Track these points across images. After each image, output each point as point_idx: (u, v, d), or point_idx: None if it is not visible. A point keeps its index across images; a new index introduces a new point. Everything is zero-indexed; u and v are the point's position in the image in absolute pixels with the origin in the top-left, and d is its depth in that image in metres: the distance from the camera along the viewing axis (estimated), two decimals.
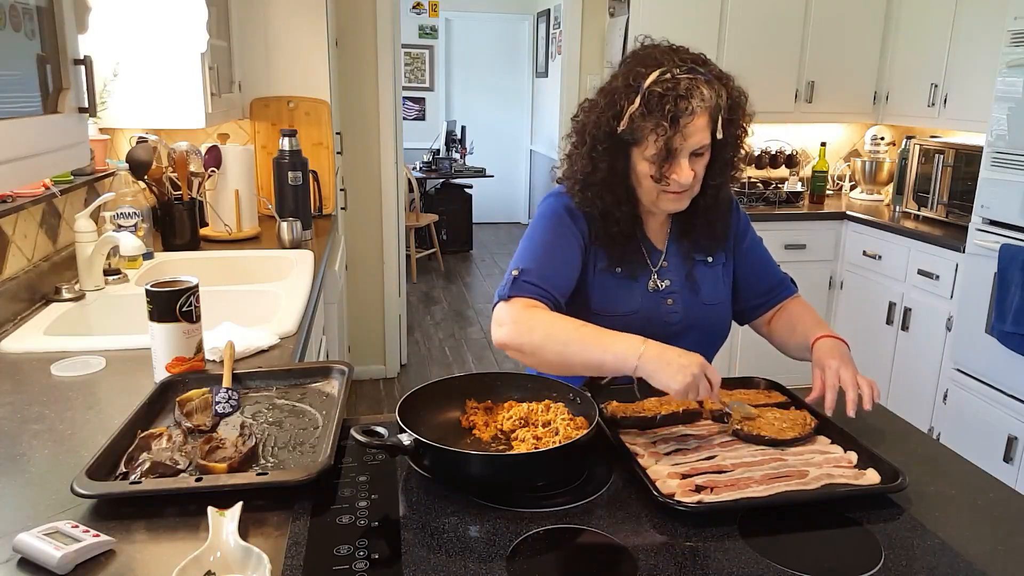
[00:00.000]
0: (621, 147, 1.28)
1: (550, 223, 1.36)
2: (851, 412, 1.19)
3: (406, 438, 1.01)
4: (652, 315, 1.38)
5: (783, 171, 4.08)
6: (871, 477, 1.03)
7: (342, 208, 3.61)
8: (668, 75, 1.22)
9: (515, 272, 1.29)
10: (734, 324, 1.52)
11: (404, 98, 7.03)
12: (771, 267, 1.53)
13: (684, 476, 1.02)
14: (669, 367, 1.09)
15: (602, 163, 1.29)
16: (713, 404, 1.19)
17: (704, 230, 1.40)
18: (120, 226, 2.13)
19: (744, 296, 1.49)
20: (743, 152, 1.38)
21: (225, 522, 0.87)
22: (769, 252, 1.54)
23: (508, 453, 1.09)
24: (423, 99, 7.79)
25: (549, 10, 6.73)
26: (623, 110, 1.24)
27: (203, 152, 2.54)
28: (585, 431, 1.05)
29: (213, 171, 2.54)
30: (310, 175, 2.81)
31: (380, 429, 1.03)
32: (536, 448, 1.06)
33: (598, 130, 1.28)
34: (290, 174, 2.67)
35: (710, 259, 1.43)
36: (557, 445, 1.04)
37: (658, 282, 1.39)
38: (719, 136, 1.26)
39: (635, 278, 1.38)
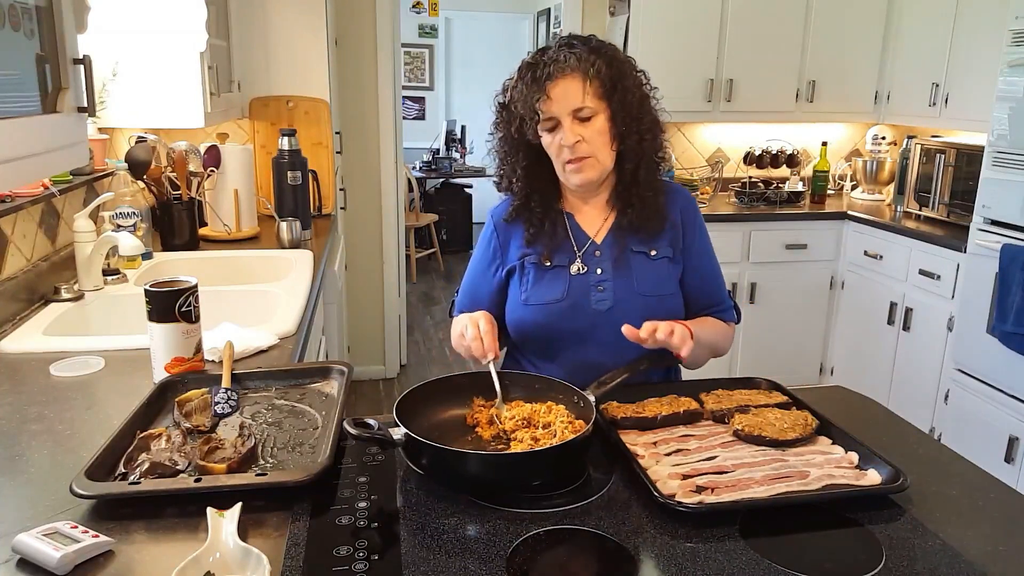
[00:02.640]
0: (514, 120, 1.36)
1: (478, 247, 1.53)
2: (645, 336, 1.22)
3: (398, 432, 1.01)
4: (580, 301, 1.39)
5: (784, 171, 4.08)
6: (872, 478, 1.03)
7: (342, 208, 3.60)
8: (543, 51, 1.34)
9: (455, 296, 1.54)
10: (734, 324, 1.51)
11: (404, 97, 7.02)
12: (715, 285, 1.49)
13: (685, 477, 1.02)
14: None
15: (507, 141, 1.40)
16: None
17: (636, 217, 1.40)
18: (119, 226, 2.13)
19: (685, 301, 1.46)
20: (654, 125, 1.39)
21: (224, 523, 0.87)
22: (720, 274, 1.50)
23: (496, 452, 1.09)
24: (423, 98, 7.79)
25: (549, 9, 6.72)
26: (508, 88, 1.38)
27: (202, 152, 2.54)
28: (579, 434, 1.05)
29: (212, 171, 2.53)
30: (309, 175, 2.81)
31: (371, 422, 1.03)
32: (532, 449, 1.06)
33: (499, 112, 1.40)
34: (289, 174, 2.66)
35: (653, 252, 1.41)
36: (549, 446, 1.04)
37: (581, 267, 1.40)
38: (597, 98, 1.30)
39: (563, 266, 1.42)
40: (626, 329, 1.21)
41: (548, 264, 1.41)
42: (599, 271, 1.40)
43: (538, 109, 1.30)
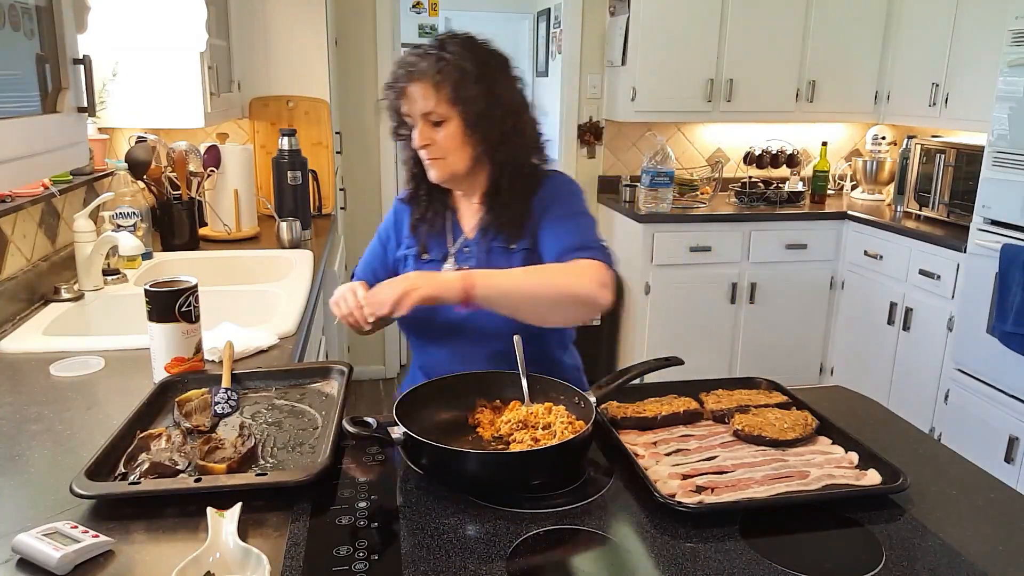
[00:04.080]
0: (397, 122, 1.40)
1: (381, 227, 1.57)
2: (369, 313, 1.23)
3: (397, 432, 1.01)
4: None
5: (784, 171, 4.08)
6: (872, 477, 1.03)
7: (341, 208, 3.60)
8: (412, 49, 1.35)
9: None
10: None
11: None
12: (561, 236, 1.34)
13: (685, 477, 1.02)
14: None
15: (395, 136, 1.43)
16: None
17: (502, 212, 1.39)
18: (119, 226, 2.13)
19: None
20: (520, 133, 1.37)
21: (224, 523, 0.87)
22: (578, 221, 1.37)
23: (496, 452, 1.08)
24: None
25: (549, 9, 6.72)
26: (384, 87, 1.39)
27: (202, 152, 2.54)
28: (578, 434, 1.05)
29: (212, 171, 2.53)
30: (309, 175, 2.81)
31: (370, 420, 1.03)
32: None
33: (389, 108, 1.42)
34: (289, 174, 2.66)
35: (513, 246, 1.39)
36: (547, 445, 1.04)
37: (452, 265, 1.41)
38: (438, 103, 1.30)
39: (436, 261, 1.44)
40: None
41: (425, 258, 1.45)
42: (467, 267, 1.39)
43: (399, 110, 1.35)
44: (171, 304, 1.27)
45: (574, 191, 1.45)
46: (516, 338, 1.26)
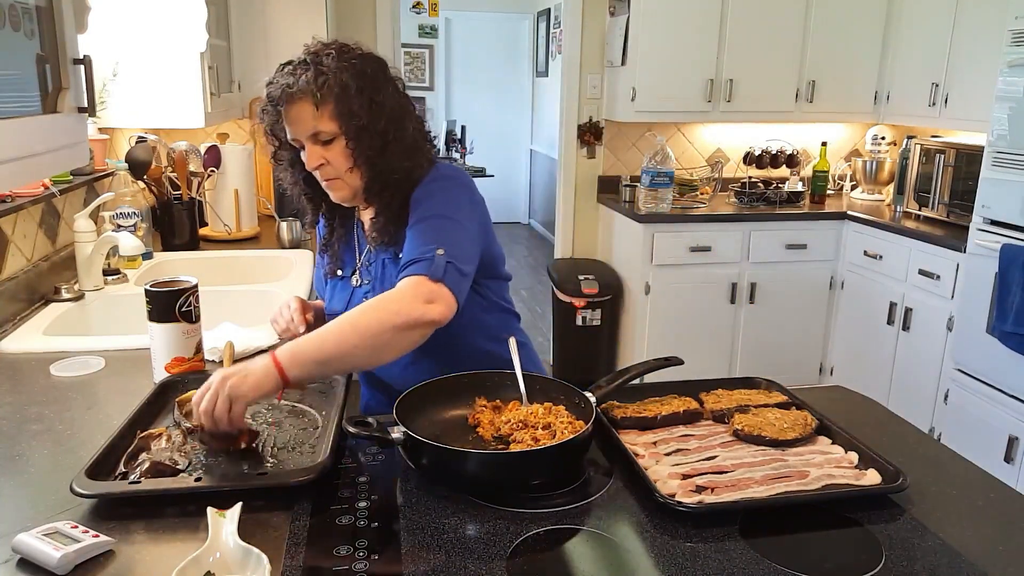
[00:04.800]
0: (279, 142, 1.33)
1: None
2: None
3: (397, 432, 1.01)
4: (347, 308, 1.33)
5: (784, 171, 4.08)
6: (872, 477, 1.03)
7: None
8: (279, 71, 1.28)
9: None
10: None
11: None
12: (409, 249, 1.24)
13: (684, 476, 1.02)
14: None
15: (274, 152, 1.37)
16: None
17: (380, 223, 1.33)
18: (119, 226, 2.13)
19: None
20: (401, 140, 1.29)
21: (225, 522, 0.87)
22: (433, 230, 1.24)
23: (496, 451, 1.09)
24: (423, 98, 7.77)
25: (549, 9, 6.73)
26: (261, 112, 1.32)
27: (202, 152, 2.54)
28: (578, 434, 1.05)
29: (212, 171, 2.54)
30: None
31: (370, 420, 1.03)
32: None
33: (267, 139, 1.36)
34: None
35: (400, 255, 1.28)
36: (547, 445, 1.04)
37: (358, 279, 1.39)
38: (323, 121, 1.23)
39: (346, 278, 1.42)
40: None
41: (339, 275, 1.42)
42: (367, 281, 1.38)
43: (285, 133, 1.27)
44: (171, 304, 1.27)
45: (435, 190, 1.31)
46: (512, 340, 1.26)
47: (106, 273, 1.94)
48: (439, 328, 1.18)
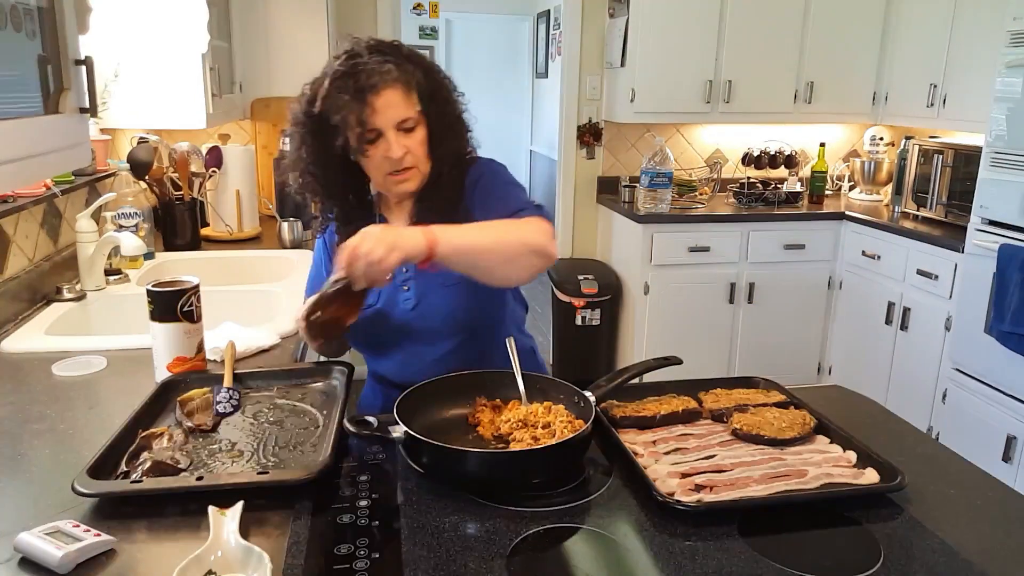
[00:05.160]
0: (328, 132, 1.28)
1: (314, 256, 1.50)
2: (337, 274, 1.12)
3: (398, 431, 1.01)
4: (388, 305, 1.37)
5: (782, 171, 4.09)
6: (870, 476, 1.04)
7: None
8: (355, 58, 1.27)
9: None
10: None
11: None
12: (496, 208, 1.30)
13: (683, 475, 1.03)
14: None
15: (309, 148, 1.31)
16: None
17: (436, 208, 1.35)
18: (121, 226, 2.14)
19: None
20: (463, 127, 1.37)
21: (226, 521, 0.88)
22: (509, 191, 1.36)
23: (496, 450, 1.09)
24: None
25: (549, 11, 6.73)
26: (316, 95, 1.29)
27: (204, 152, 2.55)
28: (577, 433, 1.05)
29: (214, 171, 2.54)
30: None
31: (371, 419, 1.03)
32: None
33: (307, 117, 1.31)
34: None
35: None
36: (547, 444, 1.05)
37: (391, 274, 1.38)
38: (418, 108, 1.27)
39: None
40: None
41: None
42: (404, 270, 1.37)
43: (363, 121, 1.24)
44: (173, 304, 1.28)
45: (498, 169, 1.41)
46: (509, 340, 1.27)
47: (108, 273, 1.95)
48: (484, 313, 1.30)
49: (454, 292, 1.34)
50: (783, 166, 4.07)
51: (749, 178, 3.96)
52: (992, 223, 2.75)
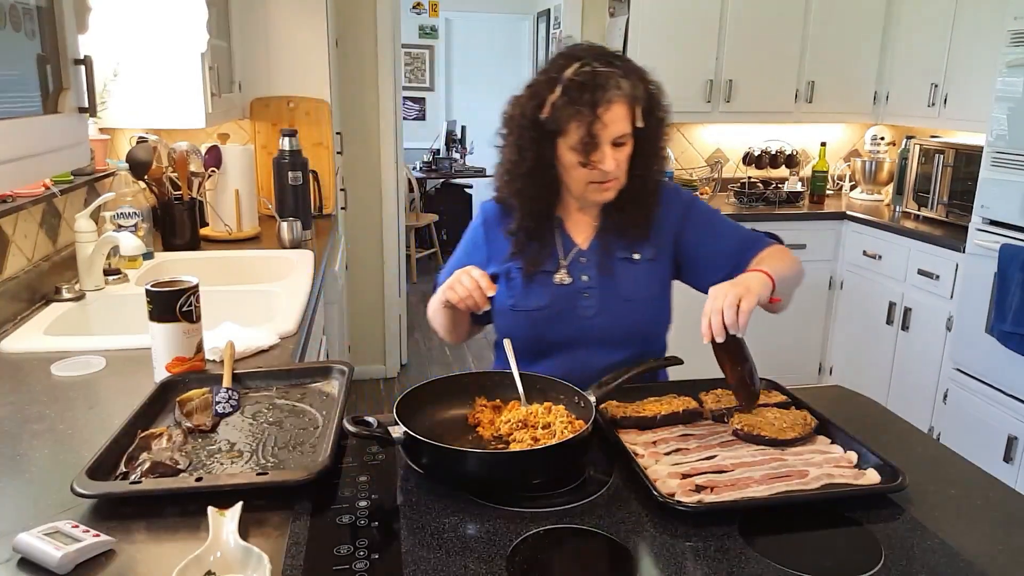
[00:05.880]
0: (546, 137, 1.31)
1: (466, 237, 1.53)
2: (704, 339, 1.19)
3: (397, 431, 1.01)
4: (565, 310, 1.39)
5: (783, 171, 4.09)
6: (871, 477, 1.03)
7: (342, 208, 3.61)
8: (588, 67, 1.28)
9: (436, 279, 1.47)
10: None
11: (404, 98, 7.02)
12: (728, 236, 1.44)
13: (684, 476, 1.02)
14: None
15: (528, 152, 1.34)
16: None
17: (628, 223, 1.39)
18: (120, 226, 2.13)
19: (708, 272, 1.40)
20: (665, 144, 1.41)
21: (225, 522, 0.87)
22: (730, 222, 1.48)
23: (495, 451, 1.09)
24: (423, 99, 7.79)
25: (549, 10, 6.73)
26: (545, 100, 1.29)
27: (203, 152, 2.54)
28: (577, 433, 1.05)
29: (213, 171, 2.54)
30: (310, 175, 2.81)
31: (371, 420, 1.03)
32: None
33: (524, 119, 1.33)
34: (290, 174, 2.67)
35: (636, 256, 1.41)
36: (547, 445, 1.04)
37: (564, 277, 1.40)
38: (639, 125, 1.31)
39: (547, 273, 1.42)
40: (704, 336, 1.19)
41: (531, 271, 1.42)
42: (584, 278, 1.40)
43: (593, 134, 1.26)
44: (172, 304, 1.27)
45: (694, 195, 1.49)
46: (506, 341, 1.28)
47: (107, 273, 1.94)
48: (658, 327, 1.43)
49: (635, 307, 1.38)
50: (784, 166, 4.07)
51: (750, 178, 3.96)
52: (993, 223, 2.75)
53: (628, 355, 1.37)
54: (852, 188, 4.13)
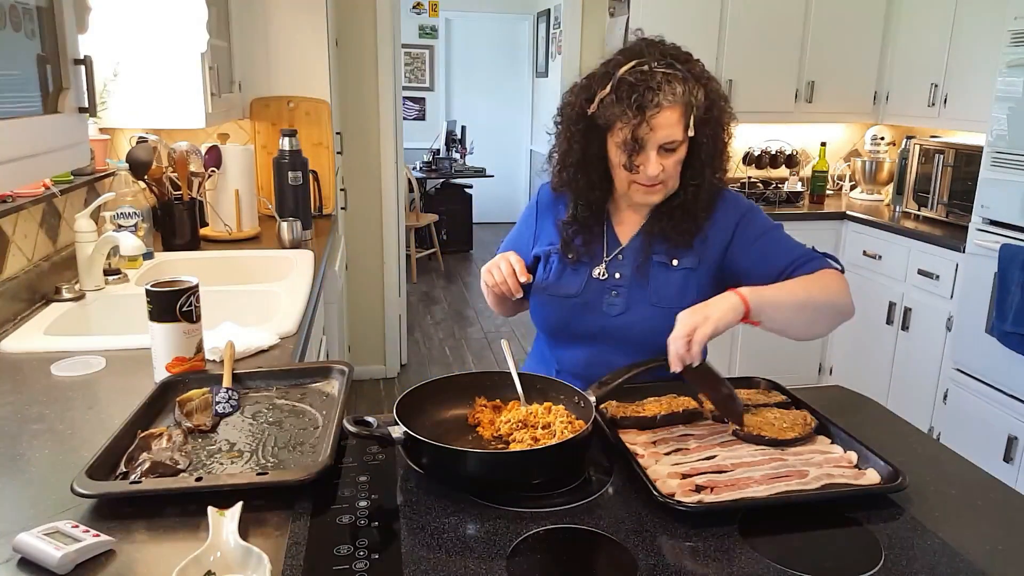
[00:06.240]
0: (595, 131, 1.31)
1: (523, 213, 1.56)
2: (672, 368, 1.15)
3: (397, 431, 1.01)
4: (592, 302, 1.39)
5: (783, 171, 4.08)
6: (871, 477, 1.03)
7: (342, 208, 3.61)
8: (644, 67, 1.26)
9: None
10: (834, 270, 1.46)
11: (404, 98, 7.02)
12: (779, 253, 1.40)
13: (684, 476, 1.02)
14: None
15: (576, 144, 1.34)
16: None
17: (672, 229, 1.37)
18: (120, 226, 2.13)
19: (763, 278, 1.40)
20: (726, 155, 1.37)
21: (225, 522, 0.87)
22: (786, 237, 1.44)
23: (495, 451, 1.09)
24: (423, 99, 7.80)
25: (549, 10, 6.73)
26: (595, 95, 1.29)
27: (203, 152, 2.54)
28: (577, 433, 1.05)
29: (213, 171, 2.54)
30: (310, 175, 2.81)
31: (371, 420, 1.03)
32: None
33: (573, 111, 1.33)
34: (290, 174, 2.67)
35: (675, 262, 1.38)
36: (547, 445, 1.04)
37: (603, 272, 1.40)
38: (691, 133, 1.27)
39: (586, 264, 1.42)
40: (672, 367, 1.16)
41: (571, 258, 1.42)
42: (617, 275, 1.39)
43: (638, 137, 1.24)
44: (172, 304, 1.27)
45: (754, 206, 1.44)
46: (504, 341, 1.28)
47: (107, 273, 1.94)
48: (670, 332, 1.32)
49: (661, 313, 1.33)
50: (784, 166, 4.07)
51: (750, 178, 3.96)
52: (993, 223, 2.75)
53: (650, 353, 1.35)
54: (852, 188, 4.13)
